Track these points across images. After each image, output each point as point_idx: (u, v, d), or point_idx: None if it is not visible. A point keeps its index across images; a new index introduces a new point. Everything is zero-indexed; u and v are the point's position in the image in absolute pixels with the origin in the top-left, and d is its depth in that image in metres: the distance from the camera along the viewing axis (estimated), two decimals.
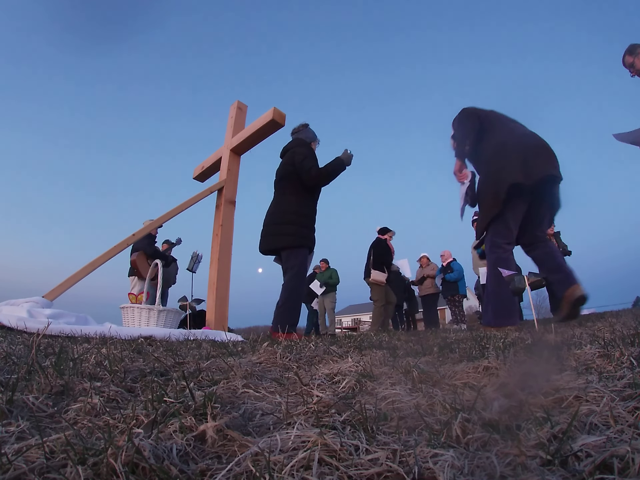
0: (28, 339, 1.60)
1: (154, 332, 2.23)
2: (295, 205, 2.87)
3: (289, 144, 3.15)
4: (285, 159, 2.99)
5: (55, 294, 2.78)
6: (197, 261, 6.32)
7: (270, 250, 2.92)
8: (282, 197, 2.91)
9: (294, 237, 2.80)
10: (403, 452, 0.43)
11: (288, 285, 2.82)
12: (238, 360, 1.08)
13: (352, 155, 2.99)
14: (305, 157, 2.85)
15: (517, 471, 0.39)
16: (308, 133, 3.25)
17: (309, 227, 2.94)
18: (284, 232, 2.80)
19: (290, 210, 2.84)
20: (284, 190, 2.91)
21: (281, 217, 2.83)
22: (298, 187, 2.88)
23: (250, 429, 0.55)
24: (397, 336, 2.45)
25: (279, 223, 2.83)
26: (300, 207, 2.89)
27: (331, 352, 1.37)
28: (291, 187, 2.89)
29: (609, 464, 0.39)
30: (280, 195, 2.92)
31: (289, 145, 3.14)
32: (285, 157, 3.02)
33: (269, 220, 2.91)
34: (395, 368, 0.97)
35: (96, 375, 0.84)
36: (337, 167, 2.92)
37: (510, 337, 1.82)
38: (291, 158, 2.90)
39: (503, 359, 1.00)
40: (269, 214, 2.97)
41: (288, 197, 2.89)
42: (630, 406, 0.55)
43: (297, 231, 2.82)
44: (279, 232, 2.82)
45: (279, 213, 2.85)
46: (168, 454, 0.42)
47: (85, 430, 0.52)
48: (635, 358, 0.83)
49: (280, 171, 2.96)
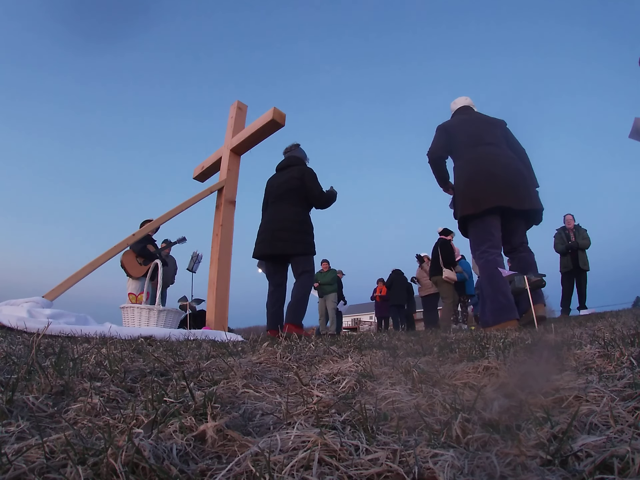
0: (28, 339, 1.60)
1: (154, 332, 2.23)
2: (303, 215, 3.15)
3: (291, 160, 3.36)
4: (293, 173, 3.21)
5: (55, 294, 2.78)
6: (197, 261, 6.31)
7: (276, 255, 3.08)
8: (290, 207, 3.12)
9: (305, 244, 3.05)
10: (403, 452, 0.43)
11: (304, 286, 3.04)
12: (238, 360, 1.08)
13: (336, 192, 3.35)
14: (316, 180, 3.18)
15: (517, 471, 0.39)
16: (302, 152, 3.49)
17: (313, 236, 3.21)
18: (296, 239, 3.00)
19: (299, 220, 3.08)
20: (292, 202, 3.13)
21: (291, 225, 3.04)
22: (303, 200, 3.18)
23: (250, 429, 0.55)
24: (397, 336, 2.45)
25: (289, 231, 3.02)
26: (307, 218, 3.19)
27: (331, 352, 1.37)
28: (298, 199, 3.14)
29: (609, 464, 0.39)
30: (287, 205, 3.13)
31: (290, 162, 3.35)
32: (293, 172, 3.23)
33: (276, 226, 3.06)
34: (395, 368, 0.97)
35: (96, 375, 0.84)
36: (333, 198, 3.32)
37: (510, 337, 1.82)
38: (300, 175, 3.16)
39: (503, 359, 1.00)
40: (275, 220, 3.11)
41: (296, 208, 3.13)
42: (630, 406, 0.55)
43: (307, 239, 3.08)
44: (290, 239, 3.00)
45: (288, 221, 3.05)
46: (168, 454, 0.42)
47: (85, 430, 0.52)
48: (635, 358, 0.83)
49: (287, 184, 3.17)
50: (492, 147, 2.73)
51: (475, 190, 2.62)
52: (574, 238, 5.83)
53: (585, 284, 5.80)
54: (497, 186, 2.55)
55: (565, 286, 5.86)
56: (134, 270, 5.17)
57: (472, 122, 2.94)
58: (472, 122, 2.94)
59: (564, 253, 5.85)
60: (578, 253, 5.75)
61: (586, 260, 5.75)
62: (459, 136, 2.86)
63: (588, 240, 5.79)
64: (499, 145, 2.77)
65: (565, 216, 6.11)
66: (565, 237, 5.88)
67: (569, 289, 5.85)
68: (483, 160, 2.66)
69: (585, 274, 5.80)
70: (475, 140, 2.78)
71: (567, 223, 6.00)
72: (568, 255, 5.79)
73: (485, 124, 2.90)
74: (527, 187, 2.60)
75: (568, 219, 6.02)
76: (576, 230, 5.91)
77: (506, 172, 2.58)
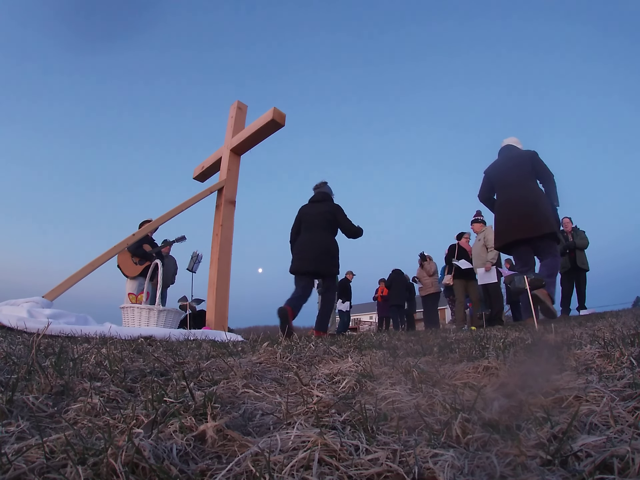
0: (28, 339, 1.60)
1: (154, 332, 2.23)
2: (335, 243, 3.93)
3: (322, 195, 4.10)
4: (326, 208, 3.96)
5: (55, 294, 2.78)
6: (197, 261, 6.30)
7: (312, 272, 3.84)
8: (327, 236, 3.89)
9: (336, 267, 3.90)
10: (403, 452, 0.43)
11: (330, 301, 3.91)
12: (238, 360, 1.08)
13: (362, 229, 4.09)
14: (346, 216, 3.96)
15: (517, 471, 0.39)
16: (330, 189, 4.20)
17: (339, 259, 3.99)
18: (331, 263, 3.83)
19: (333, 247, 3.90)
20: (328, 231, 3.90)
21: (327, 251, 3.83)
22: (336, 231, 3.98)
23: (250, 429, 0.55)
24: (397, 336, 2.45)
25: (327, 254, 3.82)
26: (337, 245, 3.96)
27: (331, 352, 1.37)
28: (332, 230, 3.93)
29: (609, 464, 0.39)
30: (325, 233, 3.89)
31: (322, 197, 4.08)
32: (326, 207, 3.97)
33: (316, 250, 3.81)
34: (395, 368, 0.97)
35: (96, 375, 0.84)
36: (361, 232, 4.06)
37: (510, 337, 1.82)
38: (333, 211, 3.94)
39: (503, 359, 1.00)
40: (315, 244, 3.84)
41: (331, 237, 3.92)
42: (630, 406, 0.55)
43: (337, 263, 3.89)
44: (327, 262, 3.78)
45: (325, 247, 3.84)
46: (168, 454, 0.42)
47: (85, 430, 0.51)
48: (635, 358, 0.83)
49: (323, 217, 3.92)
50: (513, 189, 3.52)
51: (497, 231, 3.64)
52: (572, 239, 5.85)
53: (584, 284, 5.82)
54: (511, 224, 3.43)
55: (564, 286, 5.87)
56: (129, 269, 5.16)
57: (503, 165, 3.73)
58: (504, 164, 3.72)
59: (562, 253, 5.87)
60: (576, 253, 5.77)
61: (585, 259, 5.77)
62: (494, 180, 3.75)
63: (586, 240, 5.80)
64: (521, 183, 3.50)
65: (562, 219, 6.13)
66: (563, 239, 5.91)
67: (569, 289, 5.87)
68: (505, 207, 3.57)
69: (585, 273, 5.81)
70: (503, 184, 3.64)
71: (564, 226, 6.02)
72: (566, 255, 5.81)
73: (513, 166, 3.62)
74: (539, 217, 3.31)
75: (565, 221, 6.05)
76: (574, 232, 5.93)
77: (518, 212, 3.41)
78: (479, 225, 5.68)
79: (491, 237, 5.27)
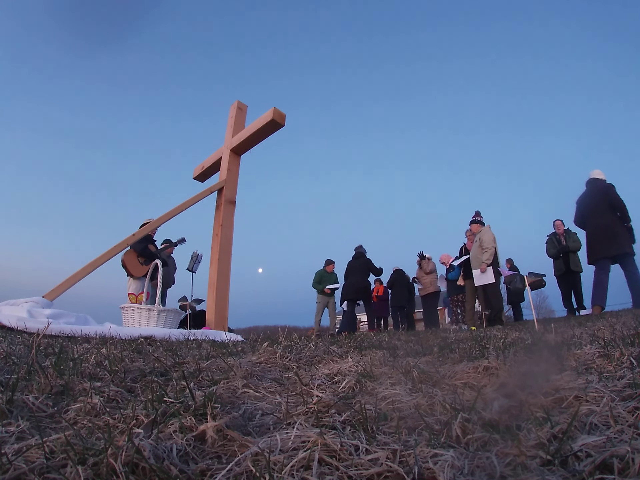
0: (28, 339, 1.60)
1: (154, 332, 2.23)
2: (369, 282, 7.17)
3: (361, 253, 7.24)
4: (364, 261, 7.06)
5: (55, 294, 2.78)
6: (197, 261, 6.31)
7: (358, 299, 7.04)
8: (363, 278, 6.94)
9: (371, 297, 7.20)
10: (403, 452, 0.43)
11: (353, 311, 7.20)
12: (238, 360, 1.08)
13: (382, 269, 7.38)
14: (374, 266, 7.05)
15: (517, 471, 0.39)
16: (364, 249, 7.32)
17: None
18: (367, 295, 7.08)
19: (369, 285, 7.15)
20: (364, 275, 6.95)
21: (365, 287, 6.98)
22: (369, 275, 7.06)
23: (250, 429, 0.55)
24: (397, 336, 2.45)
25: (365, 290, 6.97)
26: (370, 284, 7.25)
27: (331, 352, 1.37)
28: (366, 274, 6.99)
29: (609, 464, 0.39)
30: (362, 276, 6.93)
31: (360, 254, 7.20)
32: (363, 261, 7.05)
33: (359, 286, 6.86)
34: (395, 368, 0.97)
35: (96, 375, 0.84)
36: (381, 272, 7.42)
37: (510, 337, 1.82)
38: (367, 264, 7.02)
39: (503, 359, 1.00)
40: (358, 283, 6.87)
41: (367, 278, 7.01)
42: (630, 406, 0.55)
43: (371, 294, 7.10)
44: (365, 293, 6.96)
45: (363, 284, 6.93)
46: (168, 454, 0.42)
47: (85, 430, 0.51)
48: (635, 358, 0.83)
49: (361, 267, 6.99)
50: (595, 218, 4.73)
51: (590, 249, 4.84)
52: (565, 242, 5.88)
53: (579, 285, 5.87)
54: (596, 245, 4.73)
55: (562, 288, 5.95)
56: (135, 269, 5.16)
57: (587, 196, 4.90)
58: (587, 196, 4.90)
59: (556, 257, 5.94)
60: (569, 256, 5.82)
61: (578, 262, 5.83)
62: (582, 209, 4.92)
63: (579, 242, 5.85)
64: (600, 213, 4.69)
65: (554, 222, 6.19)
66: (556, 242, 5.96)
67: (567, 290, 5.93)
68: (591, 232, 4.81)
69: (579, 275, 5.87)
70: (588, 213, 4.82)
71: (557, 228, 6.08)
72: (560, 258, 5.88)
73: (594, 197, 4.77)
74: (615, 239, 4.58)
75: (557, 224, 6.11)
76: (566, 234, 5.98)
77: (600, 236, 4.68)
78: (476, 226, 5.68)
79: (487, 237, 5.29)
